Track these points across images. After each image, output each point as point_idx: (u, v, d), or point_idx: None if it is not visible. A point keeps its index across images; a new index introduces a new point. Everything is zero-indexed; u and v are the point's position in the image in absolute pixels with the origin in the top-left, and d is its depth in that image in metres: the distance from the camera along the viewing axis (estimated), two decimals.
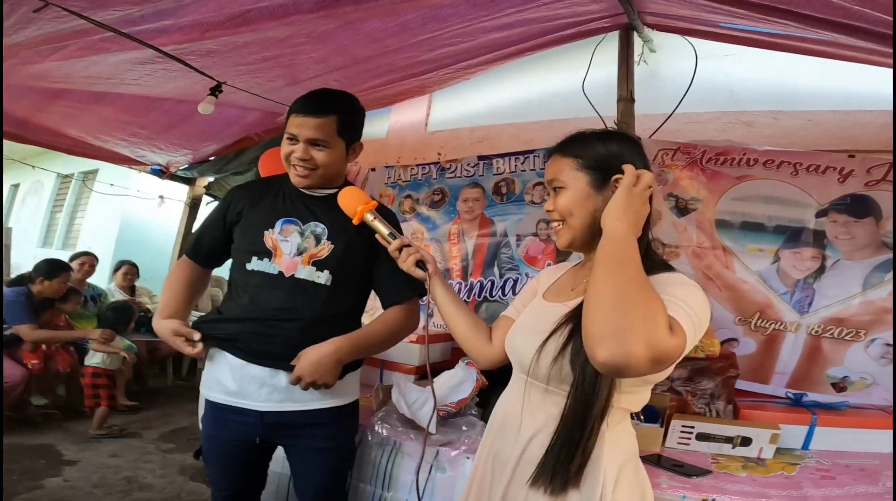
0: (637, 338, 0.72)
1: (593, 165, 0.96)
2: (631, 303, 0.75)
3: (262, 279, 1.34)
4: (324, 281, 1.34)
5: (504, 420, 1.02)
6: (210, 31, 1.72)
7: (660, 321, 0.75)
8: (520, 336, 1.03)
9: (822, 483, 1.34)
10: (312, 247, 1.36)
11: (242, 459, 1.42)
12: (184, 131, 3.15)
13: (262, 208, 1.40)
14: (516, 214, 2.46)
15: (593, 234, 0.96)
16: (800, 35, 1.56)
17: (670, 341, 0.75)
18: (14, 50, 1.84)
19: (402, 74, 2.34)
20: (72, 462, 2.77)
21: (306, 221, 1.38)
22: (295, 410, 1.35)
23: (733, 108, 2.27)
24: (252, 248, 1.36)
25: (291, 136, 1.33)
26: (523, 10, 1.78)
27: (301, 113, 1.31)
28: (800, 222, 1.88)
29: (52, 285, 3.35)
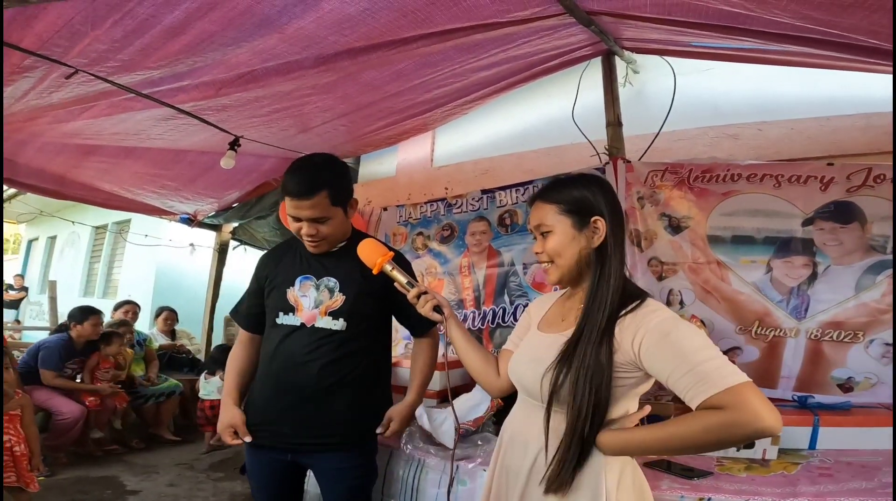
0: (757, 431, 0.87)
1: (574, 209, 1.07)
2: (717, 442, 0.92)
3: (288, 331, 1.53)
4: (339, 327, 1.52)
5: (513, 437, 1.14)
6: (223, 89, 1.91)
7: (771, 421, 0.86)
8: (521, 365, 1.15)
9: (819, 480, 1.38)
10: (327, 299, 1.53)
11: (279, 476, 1.56)
12: (208, 181, 3.38)
13: (283, 269, 1.59)
14: (521, 243, 2.56)
15: (580, 270, 1.09)
16: (765, 48, 1.66)
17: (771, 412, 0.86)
18: (48, 110, 2.06)
19: (404, 115, 2.50)
20: (134, 491, 2.96)
21: (320, 276, 1.55)
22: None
23: (719, 122, 2.34)
24: (279, 305, 1.55)
25: (295, 217, 1.48)
26: (507, 49, 1.92)
27: (294, 197, 1.42)
28: (788, 232, 1.94)
29: (84, 328, 3.61)
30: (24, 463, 2.26)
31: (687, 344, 0.93)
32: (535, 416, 1.06)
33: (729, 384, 0.87)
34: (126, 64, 1.68)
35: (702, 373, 0.89)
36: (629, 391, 1.02)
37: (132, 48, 1.59)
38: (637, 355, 0.97)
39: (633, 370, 1.00)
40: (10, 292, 8.98)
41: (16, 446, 2.25)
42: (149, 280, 7.08)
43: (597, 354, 0.98)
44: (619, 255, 1.06)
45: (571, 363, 1.00)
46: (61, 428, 3.30)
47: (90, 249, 8.78)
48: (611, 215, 1.07)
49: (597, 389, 0.97)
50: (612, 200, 1.09)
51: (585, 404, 0.97)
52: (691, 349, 0.92)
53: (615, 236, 1.06)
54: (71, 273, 8.79)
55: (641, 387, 1.03)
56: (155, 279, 7.02)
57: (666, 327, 0.97)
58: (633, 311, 1.01)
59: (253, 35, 1.57)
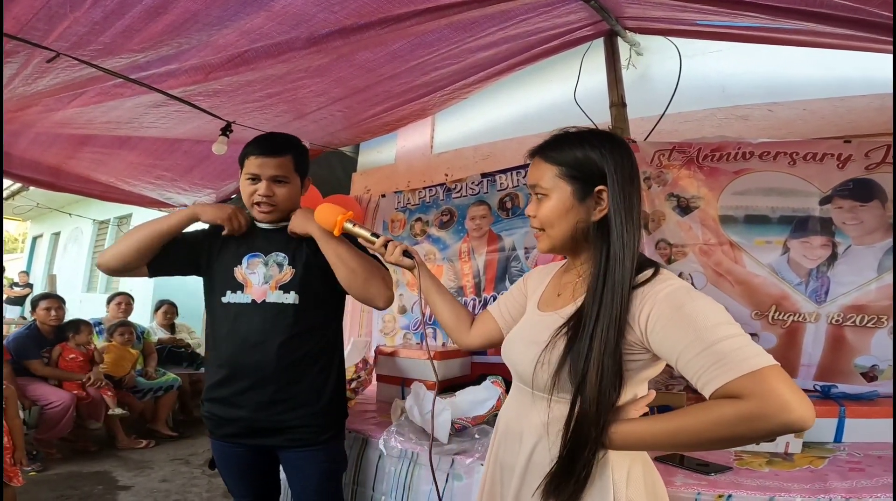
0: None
1: (575, 175, 0.94)
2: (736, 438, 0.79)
3: (237, 310, 1.49)
4: (291, 301, 1.49)
5: (507, 429, 1.04)
6: (213, 73, 1.85)
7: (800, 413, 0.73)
8: (515, 347, 1.04)
9: (850, 476, 1.30)
10: (277, 274, 1.51)
11: (249, 464, 1.53)
12: (204, 171, 3.32)
13: (228, 248, 1.56)
14: (523, 227, 2.50)
15: (575, 242, 0.98)
16: (775, 27, 1.58)
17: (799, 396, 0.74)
18: (36, 98, 2.01)
19: (401, 99, 2.43)
20: (126, 487, 2.95)
21: (268, 252, 1.53)
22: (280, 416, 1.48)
23: (727, 103, 2.26)
24: (225, 283, 1.52)
25: (253, 176, 1.48)
26: (505, 28, 1.84)
27: (261, 154, 1.48)
28: (805, 211, 1.85)
29: (38, 314, 3.63)
30: (7, 457, 2.22)
31: (702, 319, 0.79)
32: (530, 406, 0.96)
33: (751, 368, 0.73)
34: (108, 47, 1.61)
35: (719, 353, 0.76)
36: (634, 376, 0.90)
37: (113, 30, 1.52)
38: (644, 332, 0.85)
39: (639, 351, 0.88)
40: (15, 288, 9.02)
41: None
42: None
43: (606, 333, 0.85)
44: (629, 227, 0.90)
45: (572, 345, 0.88)
46: (50, 418, 3.30)
47: (93, 244, 8.80)
48: (622, 183, 0.91)
49: (604, 374, 0.85)
50: (625, 163, 0.93)
51: (590, 392, 0.85)
52: (707, 324, 0.78)
53: (627, 206, 0.91)
54: (74, 269, 8.83)
55: (648, 372, 0.91)
56: None
57: (678, 298, 0.83)
58: (645, 284, 0.88)
59: (238, 14, 1.50)
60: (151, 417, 4.07)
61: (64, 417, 3.31)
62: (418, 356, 2.17)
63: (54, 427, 3.31)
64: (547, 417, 0.92)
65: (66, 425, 3.34)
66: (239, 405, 1.46)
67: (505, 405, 1.09)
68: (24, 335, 3.61)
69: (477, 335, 1.24)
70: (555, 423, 0.91)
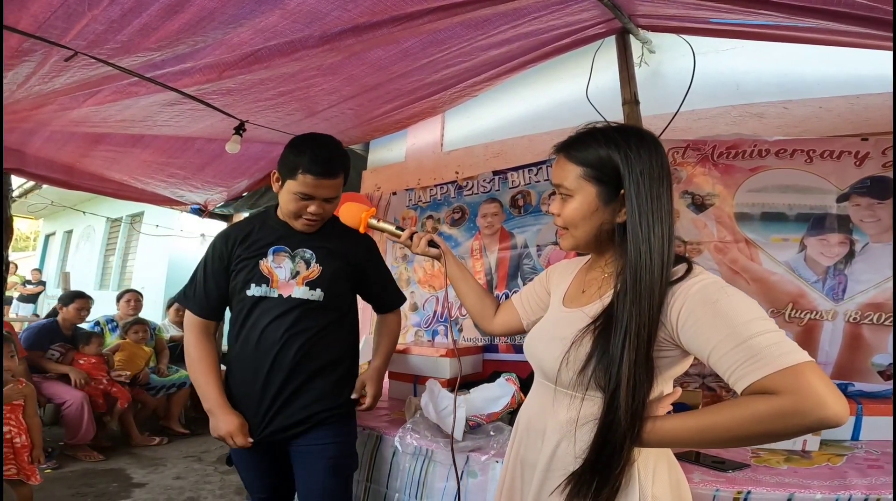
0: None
1: (600, 177, 0.91)
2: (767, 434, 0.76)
3: (263, 303, 1.48)
4: (317, 298, 1.50)
5: (528, 425, 1.02)
6: (227, 71, 1.86)
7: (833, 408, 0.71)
8: (539, 343, 1.02)
9: (869, 473, 1.30)
10: (304, 270, 1.51)
11: (269, 460, 1.54)
12: (216, 169, 3.35)
13: (252, 243, 1.54)
14: (535, 224, 2.50)
15: (599, 242, 0.97)
16: (790, 24, 1.56)
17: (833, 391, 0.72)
18: (52, 97, 2.03)
19: (412, 97, 2.43)
20: (140, 484, 2.98)
21: (294, 247, 1.53)
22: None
23: (741, 101, 2.24)
24: (250, 276, 1.50)
25: (306, 195, 1.44)
26: (517, 26, 1.84)
27: (319, 176, 1.43)
28: (822, 209, 1.84)
29: (69, 311, 3.66)
30: (25, 455, 2.23)
31: (737, 314, 0.78)
32: (553, 402, 0.95)
33: (787, 364, 0.72)
34: (125, 45, 1.63)
35: (754, 349, 0.74)
36: (662, 373, 0.89)
37: (130, 28, 1.54)
38: (675, 328, 0.84)
39: (669, 347, 0.86)
40: (28, 286, 9.13)
41: (16, 437, 2.21)
42: (161, 271, 7.16)
43: (639, 334, 0.83)
44: (657, 229, 0.87)
45: (600, 343, 0.87)
46: (72, 420, 3.32)
47: (105, 242, 8.89)
48: (648, 184, 0.88)
49: (637, 373, 0.83)
50: (653, 162, 0.90)
51: (622, 390, 0.83)
52: (742, 319, 0.77)
53: (655, 208, 0.88)
54: (87, 267, 8.92)
55: (676, 369, 0.90)
56: (167, 271, 7.08)
57: (711, 293, 0.82)
58: (677, 281, 0.86)
59: (254, 12, 1.51)
60: (164, 414, 4.10)
61: (83, 417, 3.33)
62: (430, 354, 2.18)
63: (78, 430, 3.31)
64: (576, 414, 0.90)
65: (89, 426, 3.35)
66: (260, 400, 1.47)
67: (526, 401, 1.08)
68: (39, 326, 3.63)
69: (500, 323, 1.27)
70: (581, 421, 0.89)
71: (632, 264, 0.87)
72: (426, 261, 2.81)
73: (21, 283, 9.23)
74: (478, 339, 2.52)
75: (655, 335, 0.85)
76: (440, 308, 2.71)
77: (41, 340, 3.56)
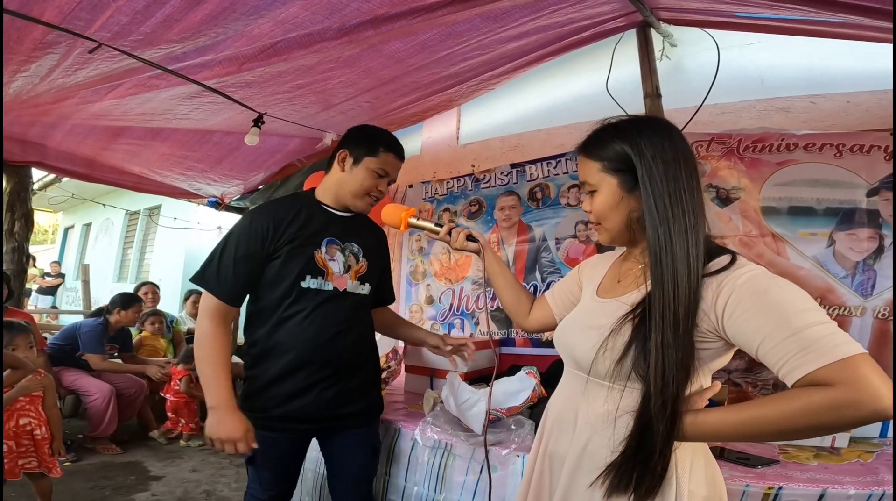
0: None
1: (619, 167, 0.93)
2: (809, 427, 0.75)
3: (319, 296, 1.45)
4: (365, 292, 1.53)
5: (558, 418, 1.00)
6: (246, 64, 1.87)
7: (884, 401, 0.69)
8: (571, 331, 1.01)
9: None
10: (354, 264, 1.52)
11: (294, 456, 1.53)
12: (233, 162, 3.37)
13: (303, 230, 1.47)
14: (553, 218, 2.48)
15: (633, 231, 0.97)
16: (819, 19, 1.53)
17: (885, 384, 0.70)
18: (74, 90, 2.05)
19: (428, 90, 2.43)
20: (157, 477, 3.00)
21: (344, 240, 1.52)
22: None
23: (766, 95, 2.20)
24: (305, 268, 1.44)
25: (385, 173, 1.51)
26: (536, 18, 1.82)
27: (397, 157, 1.55)
28: (851, 203, 1.80)
29: (127, 314, 3.65)
30: (46, 448, 2.21)
31: (789, 304, 0.76)
32: (586, 394, 0.92)
33: (842, 355, 0.71)
34: (148, 37, 1.65)
35: (807, 340, 0.73)
36: (703, 366, 0.87)
37: (154, 20, 1.55)
38: (720, 319, 0.81)
39: (712, 339, 0.85)
40: (48, 278, 9.30)
41: (36, 429, 2.20)
42: (178, 264, 7.24)
43: (677, 323, 0.82)
44: (677, 211, 0.86)
45: (639, 332, 0.85)
46: (96, 414, 3.34)
47: (123, 235, 9.01)
48: (663, 168, 0.88)
49: (676, 364, 0.81)
50: (666, 146, 0.90)
51: (660, 381, 0.81)
52: (794, 310, 0.75)
53: (673, 190, 0.87)
54: (105, 259, 9.05)
55: (717, 362, 0.88)
56: (184, 263, 7.16)
57: (760, 283, 0.80)
58: (721, 271, 0.84)
59: (275, 2, 1.51)
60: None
61: (108, 411, 3.34)
62: None
63: (101, 423, 3.34)
64: (614, 406, 0.88)
65: (112, 419, 3.37)
66: (305, 394, 1.43)
67: (555, 394, 1.05)
68: (95, 328, 3.57)
69: (534, 319, 1.27)
70: (619, 413, 0.87)
71: (651, 245, 0.88)
72: (442, 254, 2.80)
73: (40, 275, 9.40)
74: (494, 333, 2.52)
75: (690, 320, 0.83)
76: (456, 301, 2.71)
77: (98, 342, 3.54)
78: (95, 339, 3.53)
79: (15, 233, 3.49)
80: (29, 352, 2.29)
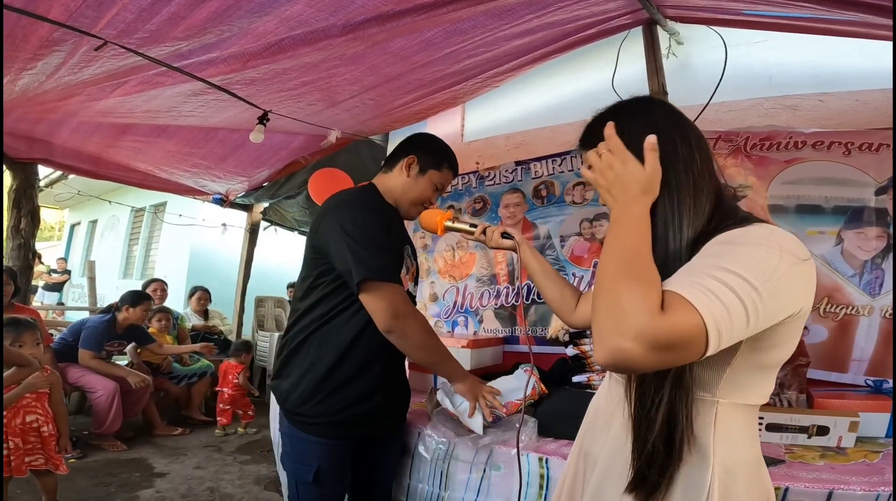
0: (609, 332, 0.66)
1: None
2: (606, 293, 0.69)
3: None
4: (415, 293, 1.56)
5: (594, 417, 0.97)
6: (251, 61, 1.87)
7: (634, 306, 0.65)
8: None
9: None
10: (411, 266, 1.54)
11: (348, 466, 1.47)
12: (238, 159, 3.39)
13: (393, 229, 1.47)
14: (558, 215, 2.47)
15: None
16: (828, 17, 1.52)
17: (659, 322, 0.63)
18: (80, 87, 2.06)
19: (433, 87, 2.42)
20: (162, 474, 3.01)
21: (405, 243, 1.54)
22: None
23: (773, 93, 2.18)
24: (400, 266, 1.46)
25: (442, 187, 1.55)
26: (541, 15, 1.82)
27: (455, 174, 1.58)
28: (860, 202, 1.78)
29: (136, 312, 3.64)
30: (52, 444, 2.20)
31: (735, 259, 0.69)
32: (622, 399, 0.86)
33: (678, 290, 0.66)
34: (154, 35, 1.65)
35: (696, 274, 0.68)
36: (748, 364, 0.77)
37: (159, 17, 1.56)
38: None
39: None
40: (54, 275, 9.35)
41: (43, 426, 2.19)
42: (183, 261, 7.27)
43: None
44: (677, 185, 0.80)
45: None
46: (100, 411, 3.35)
47: (129, 232, 9.04)
48: (640, 134, 0.81)
49: None
50: (651, 118, 0.85)
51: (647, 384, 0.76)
52: (732, 266, 0.68)
53: (673, 157, 0.81)
54: (111, 256, 9.09)
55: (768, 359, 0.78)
56: (189, 260, 7.19)
57: (741, 237, 0.73)
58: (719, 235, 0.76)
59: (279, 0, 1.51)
60: (185, 403, 4.15)
61: (112, 407, 3.34)
62: (451, 344, 2.15)
63: (106, 420, 3.34)
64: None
65: (117, 416, 3.37)
66: (403, 391, 1.53)
67: (597, 394, 1.02)
68: (98, 325, 3.57)
69: (581, 315, 1.19)
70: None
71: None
72: (446, 251, 2.80)
73: (47, 272, 9.46)
74: (498, 330, 2.52)
75: None
76: (460, 299, 2.70)
77: (96, 339, 3.51)
78: (95, 336, 3.52)
79: (21, 229, 3.51)
80: (35, 349, 2.28)
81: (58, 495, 2.35)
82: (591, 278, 2.30)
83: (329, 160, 3.60)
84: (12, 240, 3.51)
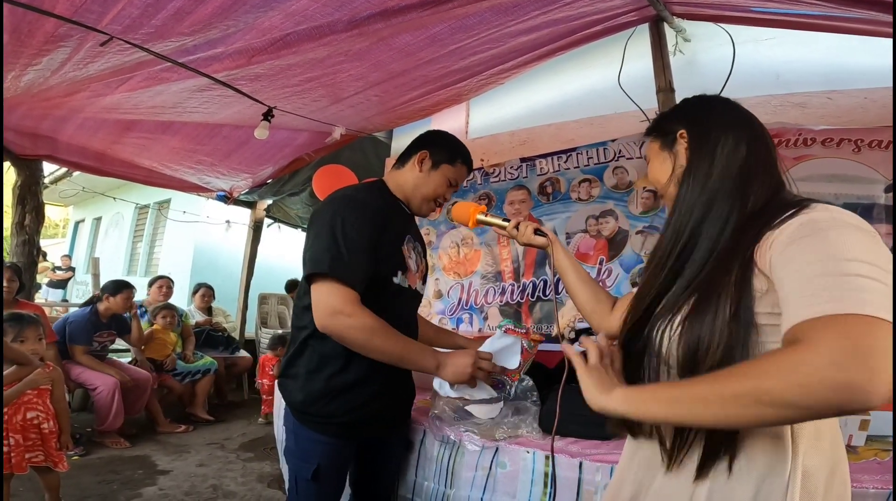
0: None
1: (659, 130, 0.97)
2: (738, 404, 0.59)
3: (403, 293, 1.41)
4: (422, 292, 1.53)
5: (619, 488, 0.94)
6: (256, 56, 1.86)
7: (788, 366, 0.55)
8: None
9: None
10: (420, 263, 1.51)
11: (347, 465, 1.47)
12: (242, 156, 3.38)
13: (393, 223, 1.41)
14: (564, 212, 2.46)
15: None
16: (837, 14, 1.50)
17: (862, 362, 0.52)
18: (86, 83, 2.06)
19: (438, 84, 2.41)
20: (165, 471, 3.00)
21: (414, 239, 1.50)
22: None
23: (781, 90, 2.16)
24: (397, 263, 1.40)
25: (456, 183, 1.50)
26: (548, 12, 1.80)
27: (469, 169, 1.54)
28: (869, 199, 1.77)
29: (116, 301, 3.60)
30: (53, 442, 2.18)
31: (841, 247, 0.60)
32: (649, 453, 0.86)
33: (843, 310, 0.54)
34: (159, 30, 1.65)
35: (829, 285, 0.57)
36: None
37: (165, 12, 1.55)
38: (769, 265, 0.69)
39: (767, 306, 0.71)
40: (58, 272, 9.37)
41: (44, 422, 2.17)
42: (187, 257, 7.28)
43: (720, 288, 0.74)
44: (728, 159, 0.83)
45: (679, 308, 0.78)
46: (102, 407, 3.35)
47: (133, 229, 9.06)
48: (702, 121, 0.89)
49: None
50: (707, 104, 0.93)
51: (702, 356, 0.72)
52: (845, 254, 0.59)
53: (720, 140, 0.85)
54: (115, 253, 9.11)
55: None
56: (193, 257, 7.20)
57: (822, 222, 0.66)
58: (781, 223, 0.72)
59: None
60: (189, 401, 4.14)
61: (113, 404, 3.34)
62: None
63: (107, 417, 3.34)
64: None
65: (119, 412, 3.37)
66: (406, 388, 1.51)
67: (616, 477, 0.97)
68: (82, 319, 3.55)
69: (619, 319, 1.03)
70: None
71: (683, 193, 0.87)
72: (451, 248, 2.79)
73: (51, 269, 9.49)
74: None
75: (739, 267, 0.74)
76: (465, 296, 2.70)
77: (83, 333, 3.50)
78: (80, 330, 3.50)
79: (26, 226, 3.52)
80: (38, 345, 2.27)
81: (61, 492, 2.34)
82: (597, 275, 2.28)
83: (333, 157, 3.60)
84: (17, 236, 3.52)
